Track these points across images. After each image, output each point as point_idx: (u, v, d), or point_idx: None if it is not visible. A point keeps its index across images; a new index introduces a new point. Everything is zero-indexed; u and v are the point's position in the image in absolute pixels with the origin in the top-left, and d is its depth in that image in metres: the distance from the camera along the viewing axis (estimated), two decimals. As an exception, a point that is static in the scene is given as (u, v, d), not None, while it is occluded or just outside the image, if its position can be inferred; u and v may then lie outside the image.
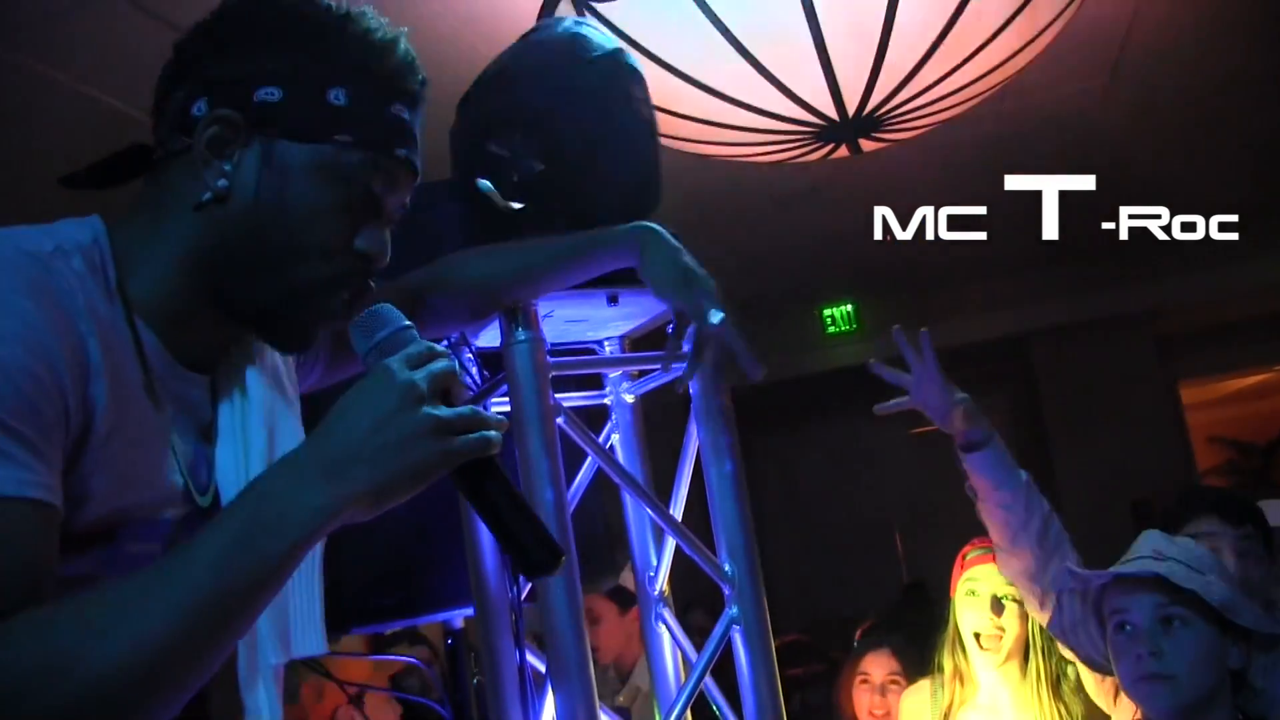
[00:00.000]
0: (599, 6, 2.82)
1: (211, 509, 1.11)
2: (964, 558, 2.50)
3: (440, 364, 1.01)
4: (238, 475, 1.11)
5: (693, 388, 1.71)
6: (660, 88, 3.04)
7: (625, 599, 3.63)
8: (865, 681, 3.13)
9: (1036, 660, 2.36)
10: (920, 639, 3.58)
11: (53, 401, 0.91)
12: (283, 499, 0.93)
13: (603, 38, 1.74)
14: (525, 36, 1.77)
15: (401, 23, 1.16)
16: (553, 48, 1.72)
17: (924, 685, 2.62)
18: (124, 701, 0.86)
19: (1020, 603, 2.37)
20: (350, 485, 0.94)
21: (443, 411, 0.99)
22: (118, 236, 1.06)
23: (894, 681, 3.07)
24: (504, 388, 1.56)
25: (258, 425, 1.15)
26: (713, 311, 1.42)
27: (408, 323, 1.07)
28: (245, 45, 1.07)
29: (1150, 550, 1.85)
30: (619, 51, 1.72)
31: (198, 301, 1.08)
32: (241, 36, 1.08)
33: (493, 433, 1.01)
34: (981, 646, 2.40)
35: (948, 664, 2.50)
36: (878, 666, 3.13)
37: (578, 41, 1.71)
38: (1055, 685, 2.35)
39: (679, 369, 1.62)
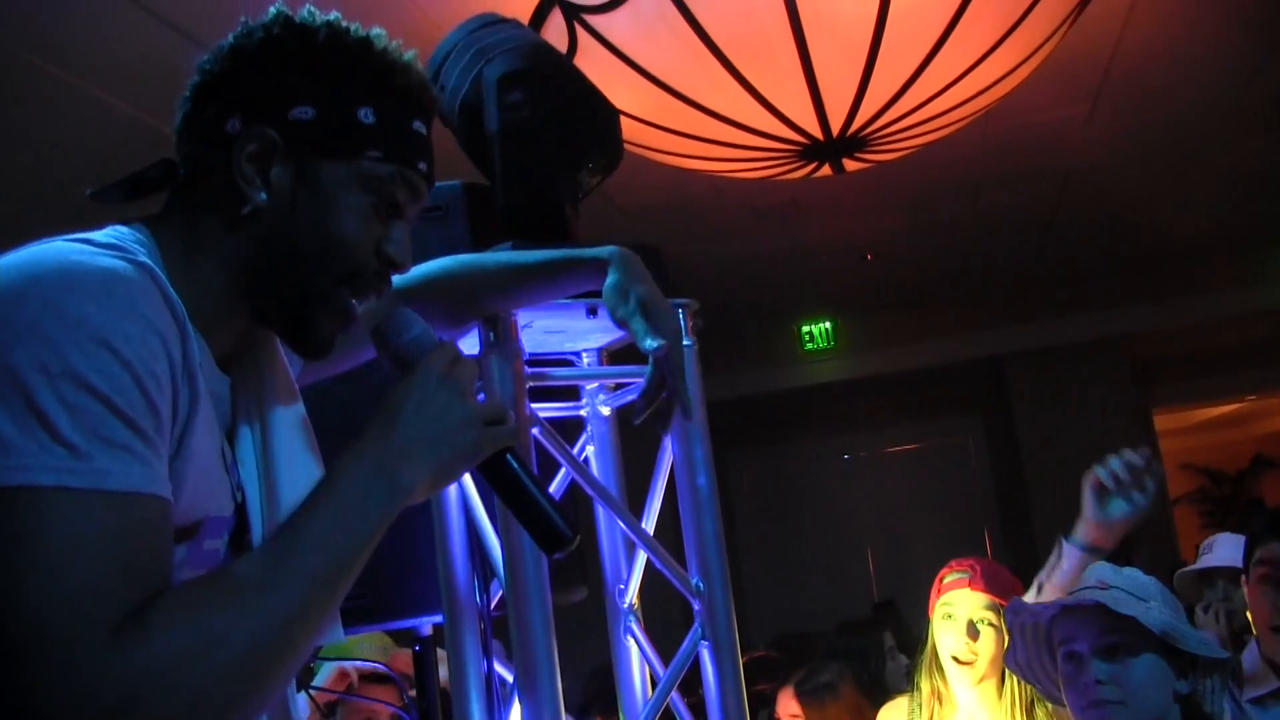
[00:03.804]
0: (590, 19, 2.83)
1: (242, 506, 1.16)
2: (941, 581, 2.51)
3: (469, 364, 1.15)
4: (259, 473, 1.16)
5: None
6: (646, 101, 3.05)
7: None
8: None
9: (1011, 683, 2.38)
10: (866, 662, 3.61)
11: (166, 402, 0.97)
12: (362, 486, 1.03)
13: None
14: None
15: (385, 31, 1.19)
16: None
17: (901, 702, 2.63)
18: (267, 671, 0.93)
19: (996, 627, 2.38)
20: (419, 470, 1.07)
21: (479, 404, 1.13)
22: (160, 243, 1.10)
23: None
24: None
25: (280, 425, 1.19)
26: (650, 339, 1.41)
27: (425, 325, 1.18)
28: (276, 66, 1.12)
29: (1096, 580, 1.89)
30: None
31: (231, 306, 1.13)
32: (272, 58, 1.12)
33: (514, 423, 1.16)
34: (959, 662, 2.42)
35: (925, 684, 2.51)
36: (782, 707, 3.19)
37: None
38: (1029, 709, 2.37)
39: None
